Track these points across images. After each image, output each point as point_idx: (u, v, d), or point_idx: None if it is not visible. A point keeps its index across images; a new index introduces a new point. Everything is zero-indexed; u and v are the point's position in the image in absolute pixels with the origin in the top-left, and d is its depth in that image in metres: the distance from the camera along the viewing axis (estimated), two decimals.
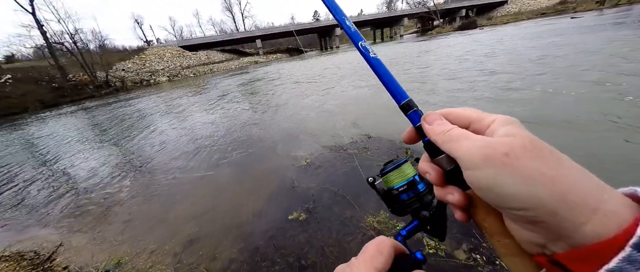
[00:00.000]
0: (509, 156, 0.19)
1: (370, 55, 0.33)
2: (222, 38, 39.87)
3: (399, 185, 0.36)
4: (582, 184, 0.18)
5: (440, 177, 0.27)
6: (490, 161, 0.20)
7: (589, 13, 21.59)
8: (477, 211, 0.25)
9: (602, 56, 5.48)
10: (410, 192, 0.36)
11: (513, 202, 0.19)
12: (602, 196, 0.18)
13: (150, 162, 4.15)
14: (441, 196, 0.27)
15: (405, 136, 0.30)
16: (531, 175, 0.19)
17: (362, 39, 0.34)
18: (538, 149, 0.20)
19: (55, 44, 24.65)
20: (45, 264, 2.16)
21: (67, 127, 8.75)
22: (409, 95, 0.31)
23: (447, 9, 43.19)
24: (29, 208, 3.28)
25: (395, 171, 0.37)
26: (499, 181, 0.20)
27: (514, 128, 0.22)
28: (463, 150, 0.22)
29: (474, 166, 0.21)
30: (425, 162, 0.28)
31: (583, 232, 0.17)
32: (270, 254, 1.85)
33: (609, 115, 2.85)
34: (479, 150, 0.21)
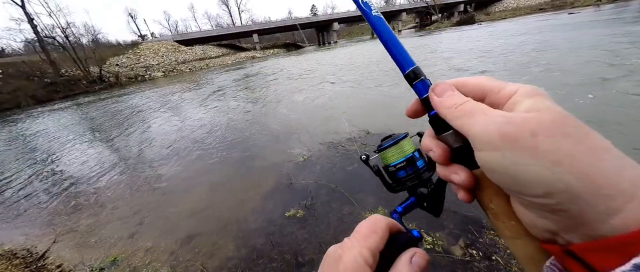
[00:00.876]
0: (535, 135, 0.17)
1: (372, 14, 0.29)
2: (218, 32, 39.22)
3: (397, 162, 0.34)
4: (619, 168, 0.16)
5: (446, 156, 0.24)
6: (511, 141, 0.18)
7: (586, 9, 21.63)
8: (483, 192, 0.24)
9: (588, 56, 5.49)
10: (409, 169, 0.34)
11: (534, 188, 0.17)
12: (638, 183, 0.15)
13: (145, 159, 4.09)
14: (445, 176, 0.25)
15: (409, 110, 0.28)
16: (559, 159, 0.16)
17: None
18: (567, 127, 0.17)
19: (47, 38, 24.07)
20: (38, 263, 2.13)
21: (60, 124, 8.61)
22: (415, 62, 0.27)
23: (445, 4, 42.92)
24: (22, 205, 3.23)
25: (394, 147, 0.35)
26: (521, 164, 0.17)
27: (540, 100, 0.18)
28: (478, 127, 0.20)
29: (491, 146, 0.19)
30: (429, 138, 0.26)
31: (611, 223, 0.15)
32: (268, 251, 1.84)
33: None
34: (497, 127, 0.18)
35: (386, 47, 0.28)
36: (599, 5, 22.45)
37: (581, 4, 26.22)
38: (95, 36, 35.60)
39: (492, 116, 0.19)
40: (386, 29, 0.28)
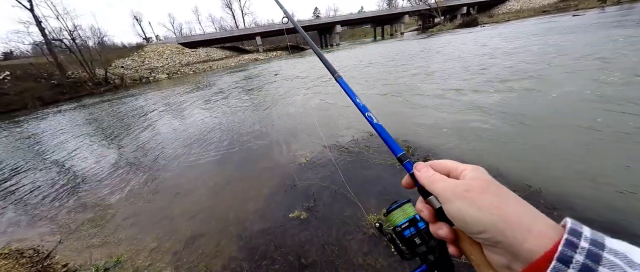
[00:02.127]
0: (469, 191, 0.27)
1: (374, 122, 0.45)
2: (221, 35, 39.54)
3: (402, 222, 0.41)
4: (519, 211, 0.24)
5: (432, 214, 0.32)
6: (456, 196, 0.27)
7: (591, 11, 21.44)
8: (464, 245, 0.30)
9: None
10: (412, 228, 0.41)
11: (475, 226, 0.25)
12: (534, 219, 0.23)
13: (150, 159, 4.13)
14: (434, 231, 0.32)
15: (403, 182, 0.37)
16: (484, 205, 0.25)
17: (368, 111, 0.48)
18: (489, 187, 0.27)
19: (54, 41, 24.48)
20: (44, 262, 2.15)
21: (66, 125, 8.72)
22: (403, 149, 0.39)
23: (448, 6, 42.82)
24: (29, 205, 3.27)
25: (398, 210, 0.43)
26: (463, 210, 0.26)
27: (477, 173, 0.29)
28: (440, 189, 0.30)
29: (447, 200, 0.28)
30: (420, 203, 0.34)
31: (526, 249, 0.22)
32: (271, 253, 1.84)
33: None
34: (449, 188, 0.29)
35: (385, 141, 0.43)
36: (603, 7, 22.25)
37: (585, 6, 26.01)
38: (101, 39, 36.04)
39: (447, 182, 0.30)
40: (384, 131, 0.43)
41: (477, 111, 3.69)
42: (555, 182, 2.05)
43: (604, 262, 0.20)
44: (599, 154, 2.27)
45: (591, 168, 2.12)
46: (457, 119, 3.56)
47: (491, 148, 2.72)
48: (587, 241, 0.21)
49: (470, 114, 3.63)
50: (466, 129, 3.23)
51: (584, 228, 0.22)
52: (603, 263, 0.20)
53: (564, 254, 0.20)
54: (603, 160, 2.19)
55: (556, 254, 0.21)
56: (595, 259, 0.20)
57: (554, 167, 2.23)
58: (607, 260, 0.20)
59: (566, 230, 0.22)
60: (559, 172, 2.15)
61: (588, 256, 0.20)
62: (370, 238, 1.80)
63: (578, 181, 2.02)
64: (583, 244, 0.21)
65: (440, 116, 3.78)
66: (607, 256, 0.20)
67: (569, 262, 0.20)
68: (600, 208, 1.75)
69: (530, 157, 2.43)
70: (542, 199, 1.90)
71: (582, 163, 2.20)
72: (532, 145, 2.62)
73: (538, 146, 2.57)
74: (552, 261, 0.20)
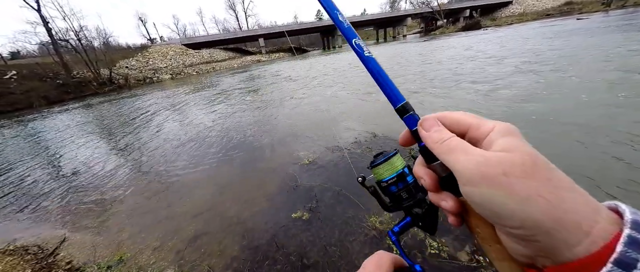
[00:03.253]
0: (508, 175, 0.19)
1: (365, 54, 0.32)
2: (225, 36, 39.88)
3: (389, 177, 0.36)
4: (577, 207, 0.18)
5: (435, 183, 0.26)
6: (487, 180, 0.20)
7: (595, 14, 21.35)
8: (470, 218, 0.25)
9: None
10: (400, 184, 0.35)
11: (509, 221, 0.19)
12: (595, 218, 0.18)
13: (154, 159, 4.16)
14: (435, 201, 0.27)
15: (401, 139, 0.30)
16: (529, 196, 0.18)
17: (356, 36, 0.33)
18: (536, 168, 0.19)
19: (60, 41, 24.83)
20: (48, 259, 2.18)
21: (72, 124, 8.82)
22: (405, 98, 0.30)
23: (451, 9, 42.90)
24: (34, 203, 3.31)
25: (385, 164, 0.37)
26: (495, 199, 0.19)
27: (513, 140, 0.21)
28: (460, 164, 0.22)
29: (471, 183, 0.21)
30: (420, 167, 0.28)
31: (574, 252, 0.18)
32: (273, 253, 1.84)
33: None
34: (476, 166, 0.21)
35: (379, 83, 0.31)
36: (607, 11, 22.15)
37: (589, 9, 25.90)
38: (107, 39, 36.53)
39: (472, 155, 0.21)
40: (378, 68, 0.31)
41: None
42: None
43: None
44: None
45: (593, 167, 2.10)
46: None
47: None
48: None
49: None
50: None
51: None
52: None
53: (625, 256, 0.16)
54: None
55: (613, 255, 0.16)
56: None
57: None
58: None
59: (626, 222, 0.17)
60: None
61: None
62: (372, 239, 1.80)
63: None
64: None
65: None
66: None
67: (631, 266, 0.16)
68: None
69: None
70: None
71: (588, 166, 2.19)
72: None
73: None
74: (605, 263, 0.16)
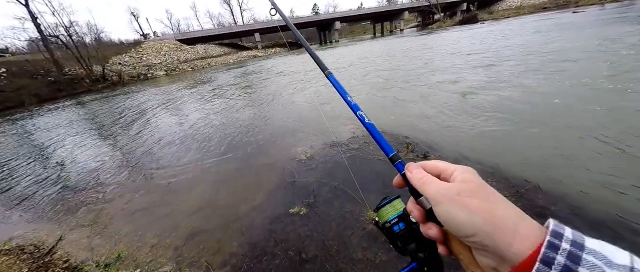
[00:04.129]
0: (459, 195, 0.27)
1: (366, 122, 0.45)
2: (220, 31, 39.17)
3: (391, 218, 0.41)
4: (507, 214, 0.25)
5: (423, 215, 0.33)
6: (446, 198, 0.28)
7: (591, 7, 21.39)
8: (453, 245, 0.30)
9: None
10: (402, 224, 0.40)
11: (463, 230, 0.26)
12: (519, 222, 0.24)
13: (150, 156, 4.12)
14: (424, 231, 0.33)
15: (395, 182, 0.37)
16: (473, 209, 0.25)
17: (360, 109, 0.47)
18: (479, 191, 0.27)
19: (50, 37, 24.20)
20: (45, 258, 2.16)
21: (65, 122, 8.67)
22: (394, 150, 0.39)
23: (448, 3, 42.55)
24: (29, 202, 3.27)
25: (388, 206, 0.43)
26: (451, 213, 0.27)
27: (467, 175, 0.29)
28: (430, 191, 0.30)
29: (437, 203, 0.29)
30: (411, 203, 0.34)
31: (513, 252, 0.23)
32: (271, 248, 1.85)
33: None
34: (440, 191, 0.29)
35: (376, 140, 0.42)
36: (603, 4, 22.19)
37: (585, 2, 25.91)
38: (98, 35, 35.72)
39: (438, 184, 0.30)
40: (376, 131, 0.43)
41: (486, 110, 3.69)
42: (553, 178, 2.07)
43: (584, 262, 0.20)
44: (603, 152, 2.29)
45: (592, 165, 2.13)
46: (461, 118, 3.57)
47: (492, 143, 2.73)
48: (567, 242, 0.22)
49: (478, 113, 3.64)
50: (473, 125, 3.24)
51: (565, 229, 0.23)
52: (583, 264, 0.20)
53: (546, 256, 0.21)
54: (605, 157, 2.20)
55: (539, 256, 0.21)
56: (575, 260, 0.21)
57: (553, 163, 2.24)
58: (586, 261, 0.20)
59: (548, 232, 0.23)
60: (558, 169, 2.17)
61: (568, 257, 0.21)
62: (369, 233, 1.81)
63: (578, 178, 2.04)
64: (564, 245, 0.21)
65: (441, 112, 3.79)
66: (587, 256, 0.21)
67: (550, 263, 0.21)
68: (602, 206, 1.77)
69: (528, 153, 2.45)
70: (540, 195, 1.92)
71: (581, 160, 2.22)
72: (532, 140, 2.63)
73: (538, 141, 2.59)
74: (535, 262, 0.21)
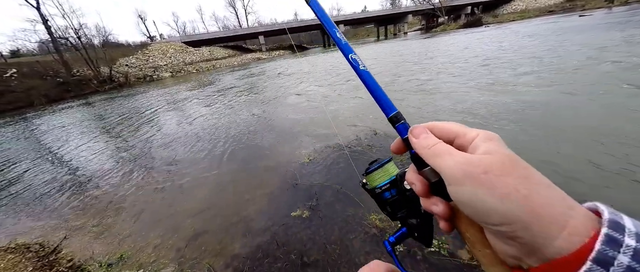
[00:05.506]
0: (488, 173, 0.21)
1: (360, 68, 0.34)
2: (225, 34, 39.69)
3: (382, 183, 0.37)
4: (553, 202, 0.19)
5: (426, 189, 0.27)
6: (470, 178, 0.21)
7: (598, 11, 21.15)
8: (460, 222, 0.26)
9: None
10: (393, 190, 0.37)
11: (491, 217, 0.21)
12: (569, 213, 0.19)
13: (154, 157, 4.16)
14: (426, 207, 0.28)
15: (393, 147, 0.31)
16: (507, 192, 0.20)
17: (352, 52, 0.34)
18: (514, 167, 0.21)
19: (60, 39, 24.77)
20: (50, 257, 2.19)
21: (73, 122, 8.83)
22: (397, 108, 0.31)
23: (452, 6, 42.52)
24: (35, 201, 3.32)
25: (379, 170, 0.38)
26: (478, 197, 0.21)
27: (493, 145, 0.23)
28: (446, 166, 0.23)
29: (456, 182, 0.22)
30: (411, 173, 0.29)
31: (553, 247, 0.18)
32: (273, 251, 1.85)
33: None
34: (460, 167, 0.22)
35: (372, 95, 0.32)
36: (611, 8, 21.93)
37: (592, 5, 25.64)
38: (106, 37, 36.46)
39: (456, 157, 0.23)
40: (372, 80, 0.33)
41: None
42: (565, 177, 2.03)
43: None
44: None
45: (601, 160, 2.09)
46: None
47: None
48: (632, 236, 0.17)
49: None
50: None
51: (624, 218, 0.18)
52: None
53: (604, 254, 0.17)
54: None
55: (592, 253, 0.17)
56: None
57: (564, 163, 2.21)
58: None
59: (604, 221, 0.18)
60: (569, 170, 2.13)
61: (636, 257, 0.16)
62: (372, 237, 1.80)
63: (590, 177, 2.00)
64: (628, 240, 0.17)
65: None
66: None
67: (609, 263, 0.16)
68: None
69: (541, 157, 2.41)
70: None
71: (594, 159, 2.17)
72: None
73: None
74: (584, 261, 0.17)
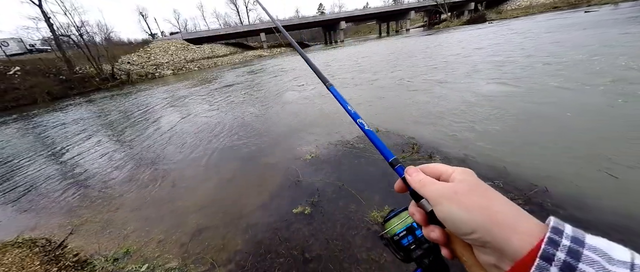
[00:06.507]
0: (457, 193, 0.28)
1: (366, 128, 0.44)
2: (226, 31, 39.54)
3: (400, 231, 0.42)
4: (505, 210, 0.25)
5: (424, 218, 0.33)
6: (444, 198, 0.28)
7: (604, 7, 20.80)
8: (456, 247, 0.30)
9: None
10: (410, 237, 0.41)
11: (464, 227, 0.26)
12: (518, 219, 0.24)
13: (157, 154, 4.19)
14: (426, 234, 0.32)
15: (396, 187, 0.37)
16: (471, 206, 0.26)
17: (360, 117, 0.47)
18: (477, 188, 0.28)
19: (62, 37, 24.83)
20: (56, 251, 2.22)
21: (76, 119, 8.89)
22: (394, 154, 0.39)
23: (455, 2, 42.02)
24: (41, 197, 3.37)
25: (395, 218, 0.43)
26: (452, 212, 0.27)
27: (464, 175, 0.30)
28: (429, 191, 0.31)
29: (436, 202, 0.29)
30: (412, 206, 0.35)
31: (513, 248, 0.23)
32: (275, 246, 1.87)
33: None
34: (438, 191, 0.30)
35: (376, 146, 0.41)
36: (617, 3, 21.56)
37: (598, 2, 25.21)
38: (108, 34, 36.50)
39: (437, 185, 0.31)
40: (375, 137, 0.42)
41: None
42: (562, 180, 2.02)
43: (584, 258, 0.20)
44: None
45: (598, 163, 2.08)
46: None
47: (497, 145, 2.69)
48: (568, 238, 0.22)
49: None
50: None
51: (565, 226, 0.23)
52: (583, 260, 0.20)
53: (547, 252, 0.21)
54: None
55: (539, 252, 0.21)
56: (576, 256, 0.21)
57: (562, 165, 2.20)
58: (587, 256, 0.21)
59: (549, 228, 0.23)
60: (566, 171, 2.12)
61: (569, 253, 0.21)
62: (374, 234, 1.81)
63: (585, 179, 1.99)
64: (564, 241, 0.22)
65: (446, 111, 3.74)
66: (587, 252, 0.21)
67: (551, 259, 0.21)
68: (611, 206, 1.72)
69: (535, 155, 2.40)
70: (549, 199, 1.89)
71: (589, 161, 2.16)
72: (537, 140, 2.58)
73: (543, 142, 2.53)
74: (536, 258, 0.21)
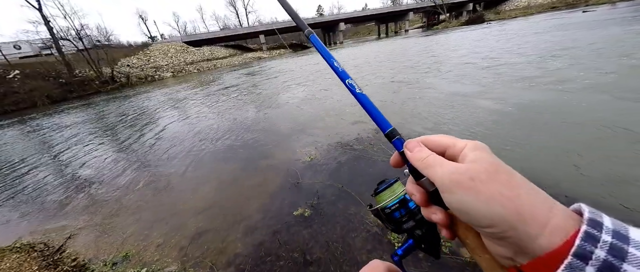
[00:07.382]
0: (474, 180, 0.22)
1: (357, 91, 0.37)
2: (225, 34, 39.68)
3: (391, 204, 0.39)
4: (534, 203, 0.21)
5: (425, 198, 0.28)
6: (458, 186, 0.23)
7: (601, 7, 20.91)
8: (459, 229, 0.27)
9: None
10: (402, 209, 0.38)
11: (481, 221, 0.22)
12: (550, 211, 0.20)
13: (156, 157, 4.18)
14: (426, 215, 0.29)
15: (392, 161, 0.32)
16: (492, 196, 0.21)
17: (349, 77, 0.38)
18: (497, 173, 0.22)
19: (62, 40, 24.87)
20: (55, 256, 2.21)
21: (76, 122, 8.88)
22: (392, 125, 0.33)
23: (453, 3, 42.23)
24: (39, 201, 3.35)
25: (387, 190, 0.39)
26: (467, 202, 0.22)
27: (480, 153, 0.24)
28: (438, 175, 0.25)
29: (447, 190, 0.24)
30: (411, 184, 0.30)
31: (538, 244, 0.20)
32: (275, 249, 1.85)
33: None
34: (449, 176, 0.24)
35: (369, 113, 0.35)
36: (614, 3, 21.66)
37: (595, 1, 25.33)
38: (108, 38, 36.58)
39: (446, 167, 0.25)
40: (368, 102, 0.36)
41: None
42: (567, 178, 2.02)
43: (630, 258, 0.17)
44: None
45: (598, 162, 2.08)
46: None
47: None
48: (609, 233, 0.18)
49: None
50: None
51: (603, 217, 0.20)
52: (629, 259, 0.17)
53: (583, 249, 0.18)
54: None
55: (573, 249, 0.18)
56: (620, 254, 0.17)
57: (566, 165, 2.19)
58: (633, 256, 0.17)
59: (584, 220, 0.19)
60: (570, 170, 2.11)
61: (611, 251, 0.17)
62: (374, 236, 1.80)
63: (590, 180, 1.99)
64: (605, 236, 0.18)
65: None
66: (634, 250, 0.17)
67: (587, 258, 0.18)
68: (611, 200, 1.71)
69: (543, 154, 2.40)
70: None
71: (597, 161, 2.16)
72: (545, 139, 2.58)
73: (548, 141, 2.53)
74: (567, 256, 0.18)
